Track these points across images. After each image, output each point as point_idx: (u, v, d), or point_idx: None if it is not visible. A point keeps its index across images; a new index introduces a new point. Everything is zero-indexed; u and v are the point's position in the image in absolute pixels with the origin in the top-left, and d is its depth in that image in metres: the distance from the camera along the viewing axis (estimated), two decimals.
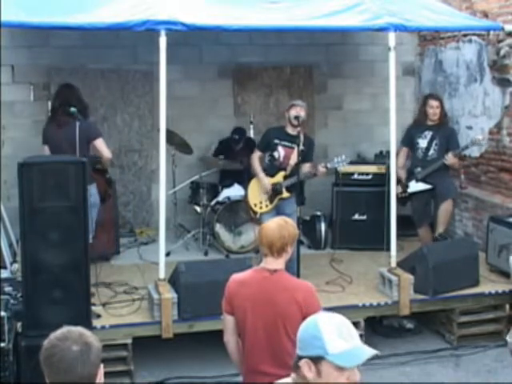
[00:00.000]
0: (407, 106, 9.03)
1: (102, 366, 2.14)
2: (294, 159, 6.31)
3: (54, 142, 6.18)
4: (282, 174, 6.45)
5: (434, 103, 7.16)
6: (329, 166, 6.47)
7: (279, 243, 3.36)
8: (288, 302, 3.31)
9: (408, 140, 7.34)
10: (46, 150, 6.30)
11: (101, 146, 6.13)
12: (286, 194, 6.42)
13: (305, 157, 6.32)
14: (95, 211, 6.18)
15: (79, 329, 2.16)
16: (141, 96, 8.57)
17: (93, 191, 6.05)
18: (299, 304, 3.29)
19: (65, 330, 2.15)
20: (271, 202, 6.46)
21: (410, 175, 7.20)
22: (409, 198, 7.24)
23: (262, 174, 6.51)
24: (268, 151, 6.53)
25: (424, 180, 7.13)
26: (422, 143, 7.16)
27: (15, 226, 5.90)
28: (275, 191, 6.43)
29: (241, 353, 3.49)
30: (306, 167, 6.40)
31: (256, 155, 6.63)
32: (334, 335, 2.14)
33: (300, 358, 2.18)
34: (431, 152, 7.12)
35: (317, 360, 2.14)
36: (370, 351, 2.16)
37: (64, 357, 2.06)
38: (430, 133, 7.14)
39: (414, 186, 7.15)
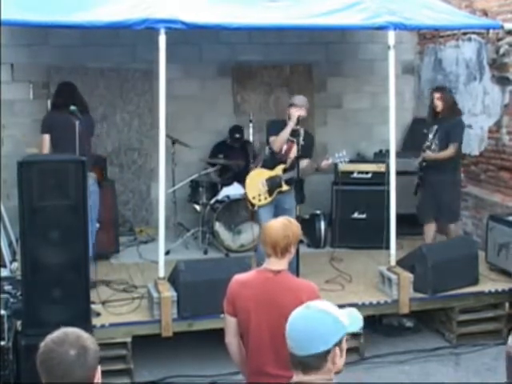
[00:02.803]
0: (407, 105, 9.04)
1: (99, 367, 2.13)
2: (294, 153, 6.30)
3: (59, 127, 6.22)
4: (281, 166, 6.41)
5: (435, 95, 7.03)
6: (330, 160, 6.46)
7: (283, 243, 3.33)
8: (292, 302, 3.26)
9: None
10: (47, 140, 6.31)
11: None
12: (285, 187, 6.38)
13: (304, 152, 6.29)
14: (97, 197, 6.40)
15: (76, 331, 2.14)
16: (140, 95, 8.57)
17: (92, 180, 6.22)
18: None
19: (61, 332, 2.13)
20: (270, 194, 6.43)
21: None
22: (419, 186, 7.13)
23: (288, 127, 6.24)
24: (269, 144, 6.48)
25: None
26: (430, 137, 7.09)
27: (15, 224, 5.90)
28: (275, 184, 6.41)
29: (243, 354, 3.47)
30: (305, 163, 6.37)
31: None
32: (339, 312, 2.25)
33: (314, 356, 2.18)
34: (433, 146, 7.00)
35: (340, 342, 2.21)
36: (355, 310, 2.34)
37: (61, 361, 2.05)
38: (436, 126, 7.07)
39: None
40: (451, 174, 6.93)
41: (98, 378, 2.12)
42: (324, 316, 2.22)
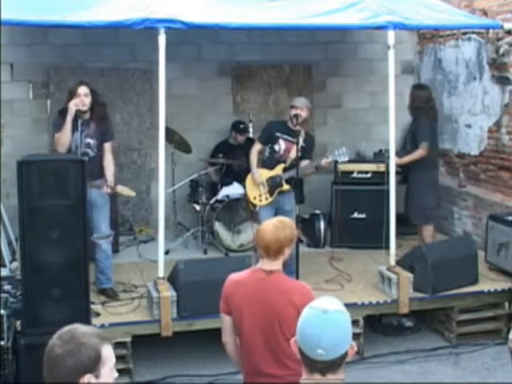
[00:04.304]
0: (406, 105, 9.01)
1: (88, 376, 2.09)
2: (293, 153, 6.29)
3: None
4: (281, 166, 6.41)
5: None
6: (330, 158, 6.45)
7: (275, 246, 3.32)
8: (284, 303, 3.28)
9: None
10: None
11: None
12: (286, 187, 6.39)
13: (304, 153, 6.30)
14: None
15: (79, 330, 2.14)
16: (140, 94, 8.57)
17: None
18: (296, 306, 3.26)
19: (68, 328, 2.15)
20: (271, 194, 6.43)
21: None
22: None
23: (254, 169, 6.52)
24: (269, 144, 6.52)
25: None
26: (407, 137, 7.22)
27: (14, 224, 5.90)
28: (275, 183, 6.41)
29: (240, 353, 3.48)
30: (305, 163, 6.37)
31: (256, 148, 6.60)
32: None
33: (340, 357, 2.18)
34: (408, 147, 7.14)
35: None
36: None
37: (48, 356, 2.09)
38: (409, 127, 7.24)
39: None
40: (424, 174, 7.06)
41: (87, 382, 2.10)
42: (342, 316, 2.22)
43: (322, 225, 7.95)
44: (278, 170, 6.42)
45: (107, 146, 6.07)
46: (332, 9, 6.02)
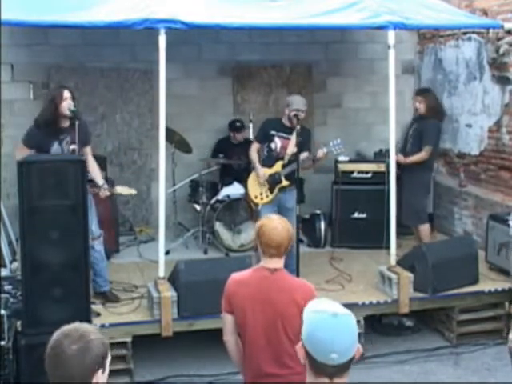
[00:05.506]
0: (407, 105, 9.00)
1: (100, 371, 2.11)
2: (290, 148, 6.33)
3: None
4: (279, 163, 6.45)
5: (417, 98, 7.16)
6: (325, 149, 6.45)
7: (287, 243, 3.35)
8: (287, 302, 3.29)
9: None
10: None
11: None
12: (285, 183, 6.41)
13: (302, 147, 6.32)
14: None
15: (85, 328, 2.16)
16: (140, 94, 8.57)
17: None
18: (299, 305, 3.26)
19: (71, 327, 2.16)
20: (271, 192, 6.46)
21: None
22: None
23: (257, 165, 6.55)
24: (265, 143, 6.55)
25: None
26: (409, 136, 7.18)
27: (14, 224, 5.90)
28: (274, 180, 6.43)
29: (240, 352, 3.48)
30: (304, 155, 6.39)
31: (254, 147, 6.66)
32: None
33: (350, 359, 2.18)
34: (408, 146, 7.11)
35: None
36: None
37: (57, 355, 2.09)
38: (414, 126, 7.17)
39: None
40: (419, 175, 7.01)
41: (97, 380, 2.11)
42: (351, 318, 2.20)
43: (323, 225, 7.95)
44: (277, 167, 6.46)
45: (88, 149, 5.88)
46: (332, 9, 6.02)
